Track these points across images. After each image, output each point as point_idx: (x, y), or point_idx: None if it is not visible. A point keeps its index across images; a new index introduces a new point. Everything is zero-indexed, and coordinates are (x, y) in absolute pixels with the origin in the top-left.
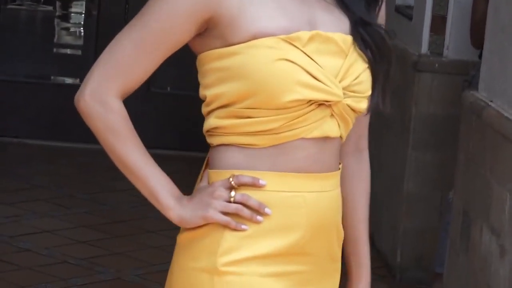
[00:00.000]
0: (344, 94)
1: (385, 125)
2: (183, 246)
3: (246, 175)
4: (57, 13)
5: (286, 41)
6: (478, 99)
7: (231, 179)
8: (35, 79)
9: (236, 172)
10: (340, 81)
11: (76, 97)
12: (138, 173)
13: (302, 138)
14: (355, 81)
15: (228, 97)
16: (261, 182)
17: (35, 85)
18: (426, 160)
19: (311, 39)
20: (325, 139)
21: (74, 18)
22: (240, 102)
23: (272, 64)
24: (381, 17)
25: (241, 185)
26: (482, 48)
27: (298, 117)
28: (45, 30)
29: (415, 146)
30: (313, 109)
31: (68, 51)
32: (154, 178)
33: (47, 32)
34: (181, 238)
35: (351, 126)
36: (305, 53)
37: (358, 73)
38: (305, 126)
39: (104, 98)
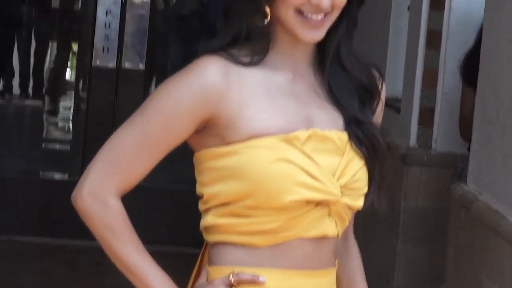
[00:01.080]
0: (341, 192)
1: (374, 218)
2: None
3: (246, 272)
4: (46, 108)
5: (284, 141)
6: (467, 192)
7: (230, 276)
8: (24, 175)
9: (236, 269)
10: (337, 180)
11: (73, 194)
12: (137, 271)
13: (301, 238)
14: (353, 179)
15: (226, 196)
16: (261, 279)
17: (23, 181)
18: (416, 253)
19: (309, 138)
20: (322, 238)
21: (63, 113)
22: (238, 202)
23: (271, 165)
24: (378, 115)
25: (240, 283)
26: (470, 141)
27: (296, 217)
28: (33, 125)
29: (404, 239)
30: (311, 209)
31: (57, 146)
32: (153, 277)
33: (36, 127)
34: None
35: (347, 223)
36: (303, 153)
37: (355, 171)
38: (303, 226)
39: (103, 197)
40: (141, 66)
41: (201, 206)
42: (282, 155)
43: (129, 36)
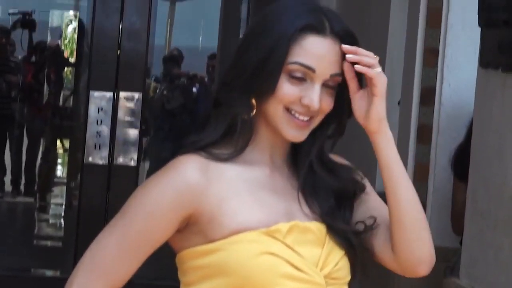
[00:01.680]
0: (325, 282)
1: None
2: None
3: None
4: (38, 205)
5: (266, 234)
6: (460, 286)
7: None
8: (15, 272)
9: None
10: (320, 270)
11: None
12: None
13: None
14: (335, 269)
15: None
16: None
17: (15, 278)
18: None
19: (290, 230)
20: None
21: (55, 209)
22: None
23: (256, 259)
24: (371, 198)
25: None
26: (462, 235)
27: None
28: (25, 222)
29: None
30: None
31: (49, 243)
32: None
33: (27, 223)
34: None
35: None
36: (286, 245)
37: (337, 260)
38: None
39: None
40: (133, 163)
41: None
42: (266, 248)
43: (121, 132)
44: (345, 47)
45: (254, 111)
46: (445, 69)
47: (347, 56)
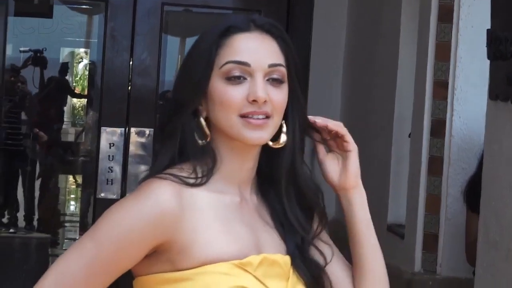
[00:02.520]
0: None
1: None
2: None
3: None
4: (51, 240)
5: (238, 266)
6: None
7: None
8: None
9: None
10: None
11: None
12: None
13: None
14: None
15: None
16: None
17: None
18: None
19: (260, 263)
20: None
21: (68, 244)
22: None
23: None
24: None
25: None
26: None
27: None
28: (38, 257)
29: None
30: None
31: None
32: None
33: (41, 259)
34: None
35: None
36: (256, 278)
37: None
38: None
39: None
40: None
41: None
42: (238, 282)
43: (133, 167)
44: (311, 118)
45: (209, 137)
46: (455, 102)
47: (316, 121)
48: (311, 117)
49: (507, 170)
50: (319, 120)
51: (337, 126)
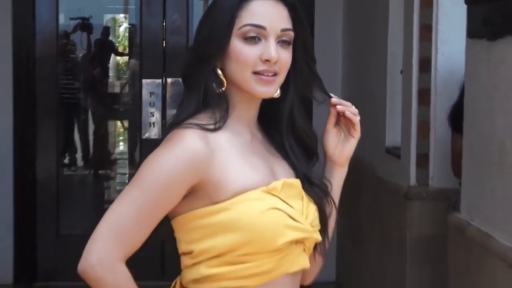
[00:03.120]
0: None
1: (385, 248)
2: None
3: None
4: (105, 175)
5: (266, 192)
6: (461, 219)
7: None
8: (88, 231)
9: None
10: (306, 219)
11: (82, 266)
12: None
13: (285, 274)
14: (314, 217)
15: (220, 249)
16: None
17: (87, 237)
18: (422, 273)
19: (282, 187)
20: (299, 271)
21: (119, 178)
22: (233, 251)
23: (264, 214)
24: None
25: None
26: (461, 177)
27: (284, 257)
28: (95, 190)
29: (411, 261)
30: (294, 247)
31: None
32: None
33: (98, 191)
34: None
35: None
36: (282, 200)
37: (314, 210)
38: (289, 263)
39: (113, 266)
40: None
41: (189, 261)
42: (269, 204)
43: (170, 111)
44: (334, 100)
45: (225, 85)
46: (439, 42)
47: (338, 107)
48: (334, 100)
49: (484, 97)
50: (340, 107)
51: (352, 114)
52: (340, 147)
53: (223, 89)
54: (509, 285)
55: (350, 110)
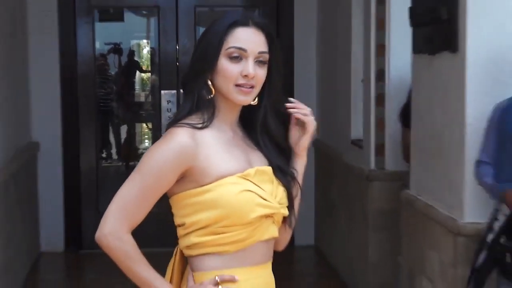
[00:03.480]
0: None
1: (351, 218)
2: None
3: (227, 274)
4: (134, 166)
5: (241, 177)
6: (410, 195)
7: (217, 277)
8: None
9: (217, 272)
10: (275, 198)
11: (97, 235)
12: (147, 282)
13: (259, 241)
14: (281, 196)
15: (206, 222)
16: (236, 278)
17: None
18: (381, 237)
19: (255, 173)
20: (271, 239)
21: None
22: (215, 224)
23: (238, 195)
24: None
25: (223, 282)
26: (410, 162)
27: (256, 228)
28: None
29: (373, 229)
30: (264, 220)
31: None
32: (158, 283)
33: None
34: None
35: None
36: (254, 184)
37: (281, 191)
38: (260, 233)
39: (120, 235)
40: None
41: (182, 232)
42: (244, 187)
43: None
44: (288, 105)
45: (213, 93)
46: (391, 57)
47: (291, 110)
48: (290, 104)
49: (427, 99)
50: (291, 110)
51: (300, 115)
52: (298, 140)
53: (211, 96)
54: (447, 245)
55: (301, 112)
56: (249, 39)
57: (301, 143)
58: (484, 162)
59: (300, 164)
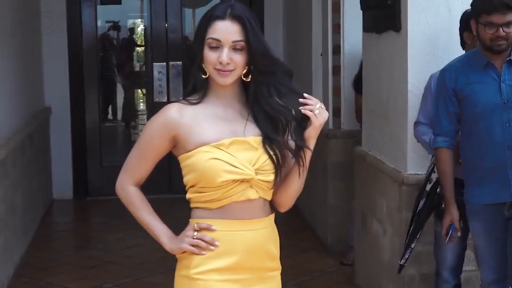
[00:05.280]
0: (256, 173)
1: (315, 170)
2: (178, 263)
3: (204, 222)
4: (131, 125)
5: (215, 146)
6: (362, 150)
7: (195, 225)
8: (121, 163)
9: (201, 221)
10: (253, 165)
11: (115, 188)
12: (148, 226)
13: (235, 202)
14: (263, 164)
15: (191, 182)
16: (212, 227)
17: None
18: (338, 185)
19: (231, 143)
20: (249, 200)
21: (140, 127)
22: (196, 185)
23: (207, 162)
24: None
25: (201, 229)
26: (361, 123)
27: (228, 190)
28: (125, 136)
29: (331, 178)
30: (238, 184)
31: None
32: (156, 228)
33: (126, 137)
34: (178, 258)
35: (269, 189)
36: (227, 152)
37: (264, 160)
38: (234, 194)
39: (125, 188)
40: (181, 98)
41: (186, 188)
42: (213, 155)
43: (172, 84)
44: (301, 100)
45: (207, 74)
46: (345, 35)
47: (300, 107)
48: (302, 100)
49: (375, 69)
50: (303, 106)
51: (306, 110)
52: (308, 130)
53: (205, 76)
54: (393, 192)
55: (308, 108)
56: (224, 31)
57: (307, 133)
58: (421, 123)
59: (310, 147)
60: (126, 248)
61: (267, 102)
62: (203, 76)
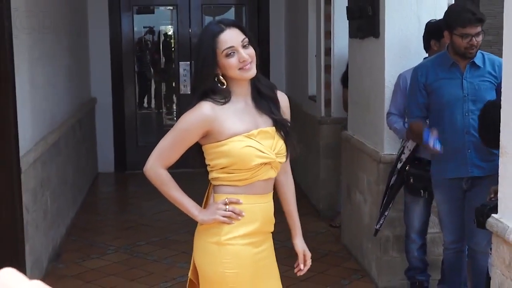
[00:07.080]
0: (276, 156)
1: (309, 151)
2: (201, 231)
3: (233, 198)
4: (164, 112)
5: (247, 136)
6: (348, 134)
7: (226, 199)
8: (153, 144)
9: (229, 196)
10: (274, 150)
11: (144, 169)
12: (179, 202)
13: (259, 180)
14: (279, 150)
15: (221, 165)
16: (240, 201)
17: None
18: (329, 164)
19: (258, 133)
20: (269, 179)
21: (172, 114)
22: (228, 167)
23: (243, 149)
24: (286, 114)
25: (231, 203)
26: (348, 112)
27: (257, 171)
28: (158, 122)
29: (323, 158)
30: (263, 166)
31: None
32: (187, 203)
33: (160, 122)
34: (199, 228)
35: (280, 169)
36: (256, 141)
37: (280, 145)
38: (260, 174)
39: (156, 170)
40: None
41: (209, 169)
42: (247, 143)
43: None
44: (297, 272)
45: (225, 84)
46: (335, 40)
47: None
48: (299, 272)
49: (358, 69)
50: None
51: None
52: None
53: (224, 86)
54: (372, 169)
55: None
56: (231, 37)
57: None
58: (392, 114)
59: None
60: (156, 213)
61: (265, 87)
62: (223, 87)
